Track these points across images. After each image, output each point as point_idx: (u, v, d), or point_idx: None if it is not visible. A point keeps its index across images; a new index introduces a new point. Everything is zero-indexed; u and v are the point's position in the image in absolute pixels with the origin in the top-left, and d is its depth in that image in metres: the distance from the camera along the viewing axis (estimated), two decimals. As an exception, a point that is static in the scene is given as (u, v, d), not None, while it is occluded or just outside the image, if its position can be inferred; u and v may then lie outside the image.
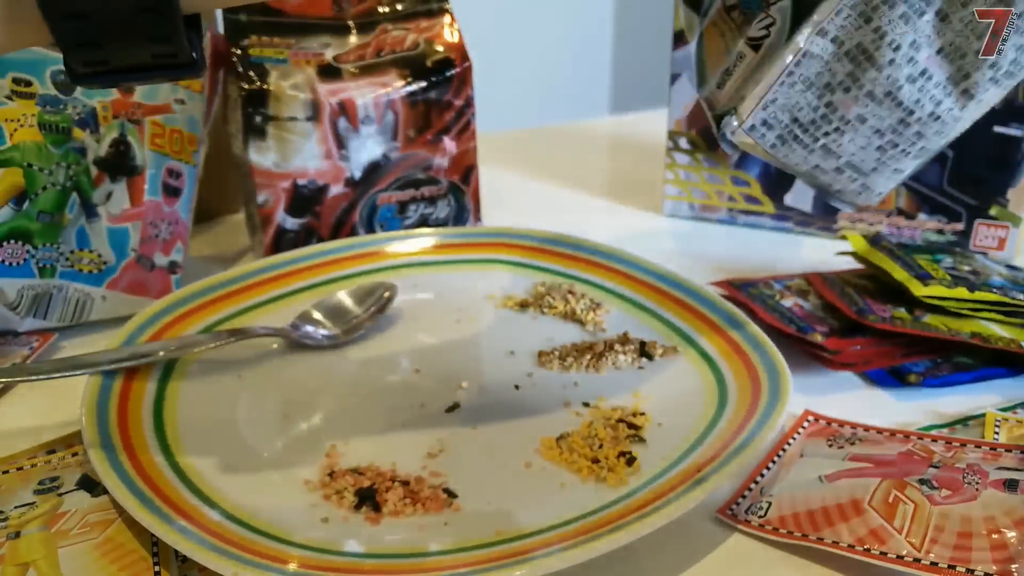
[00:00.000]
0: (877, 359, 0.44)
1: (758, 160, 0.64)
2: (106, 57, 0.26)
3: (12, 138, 0.45)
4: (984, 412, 0.41)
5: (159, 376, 0.42)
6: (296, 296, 0.51)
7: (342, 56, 0.56)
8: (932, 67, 0.33)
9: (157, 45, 0.26)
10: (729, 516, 0.35)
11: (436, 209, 0.60)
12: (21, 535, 0.33)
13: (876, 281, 0.51)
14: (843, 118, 0.35)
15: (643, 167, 0.79)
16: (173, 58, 0.26)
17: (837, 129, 0.35)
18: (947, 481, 0.33)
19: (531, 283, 0.54)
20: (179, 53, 0.26)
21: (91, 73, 0.26)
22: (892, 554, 0.31)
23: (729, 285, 0.52)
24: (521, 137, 0.94)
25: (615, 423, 0.40)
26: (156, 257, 0.51)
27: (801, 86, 0.34)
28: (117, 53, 0.26)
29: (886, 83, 0.33)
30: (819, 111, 0.35)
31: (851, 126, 0.35)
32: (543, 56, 1.86)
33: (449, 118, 0.58)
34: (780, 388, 0.39)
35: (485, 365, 0.47)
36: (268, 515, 0.34)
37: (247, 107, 0.53)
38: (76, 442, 0.39)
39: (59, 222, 0.47)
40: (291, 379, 0.45)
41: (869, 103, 0.34)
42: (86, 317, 0.50)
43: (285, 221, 0.56)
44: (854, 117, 0.34)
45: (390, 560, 0.32)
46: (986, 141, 0.55)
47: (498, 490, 0.36)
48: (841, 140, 0.35)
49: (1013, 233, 0.57)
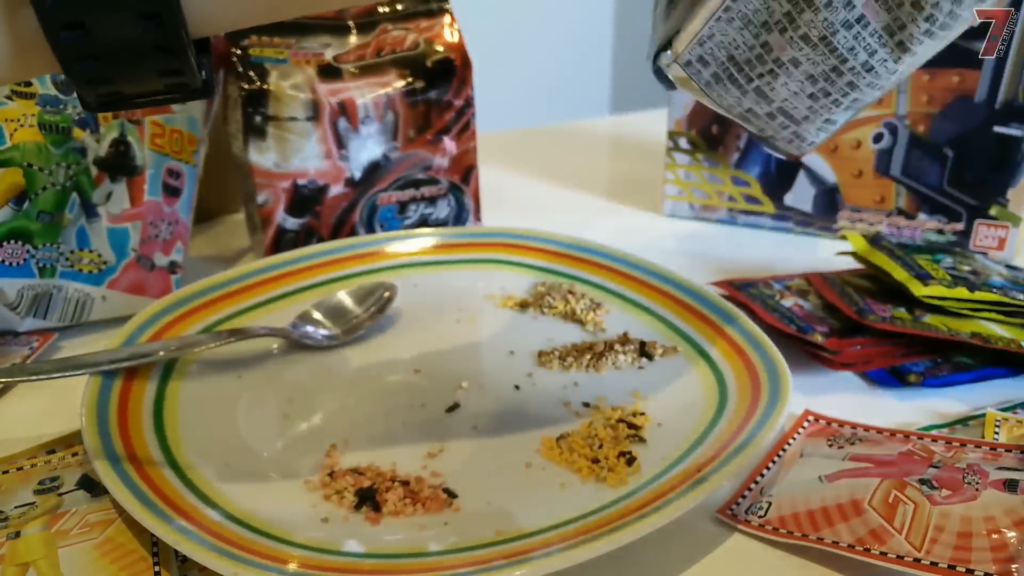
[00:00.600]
0: (877, 359, 0.44)
1: (758, 160, 0.64)
2: (117, 89, 0.26)
3: (12, 138, 0.45)
4: (984, 412, 0.41)
5: (159, 376, 0.42)
6: (296, 296, 0.51)
7: (342, 56, 0.56)
8: (869, 14, 0.32)
9: (168, 75, 0.26)
10: (729, 516, 0.35)
11: (436, 209, 0.60)
12: (21, 535, 0.33)
13: (876, 281, 0.51)
14: (777, 60, 0.34)
15: (643, 167, 0.79)
16: (183, 84, 0.26)
17: (771, 71, 0.34)
18: (947, 481, 0.33)
19: (531, 283, 0.54)
20: (190, 80, 0.26)
21: (103, 103, 0.26)
22: (892, 554, 0.31)
23: (729, 285, 0.52)
24: (521, 137, 0.94)
25: (615, 423, 0.40)
26: (156, 257, 0.51)
27: (739, 23, 0.33)
28: (128, 84, 0.26)
29: (822, 26, 0.32)
30: (755, 51, 0.34)
31: (785, 69, 0.34)
32: (543, 56, 1.85)
33: (449, 118, 0.58)
34: (780, 388, 0.39)
35: (485, 365, 0.47)
36: (268, 515, 0.34)
37: (247, 107, 0.53)
38: (76, 442, 0.39)
39: (59, 222, 0.47)
40: (291, 379, 0.45)
41: (804, 46, 0.33)
42: (86, 317, 0.50)
43: (285, 221, 0.56)
44: (788, 60, 0.34)
45: (390, 560, 0.32)
46: (986, 141, 0.55)
47: (498, 490, 0.36)
48: (774, 83, 0.35)
49: (1013, 233, 0.57)
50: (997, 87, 0.54)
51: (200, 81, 0.27)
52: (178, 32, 0.24)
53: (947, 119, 0.56)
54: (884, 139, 0.59)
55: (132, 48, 0.24)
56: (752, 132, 0.38)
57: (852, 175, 0.61)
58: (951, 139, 0.57)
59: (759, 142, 0.39)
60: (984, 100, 0.55)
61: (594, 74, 2.00)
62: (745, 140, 0.64)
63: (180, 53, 0.25)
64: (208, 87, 0.27)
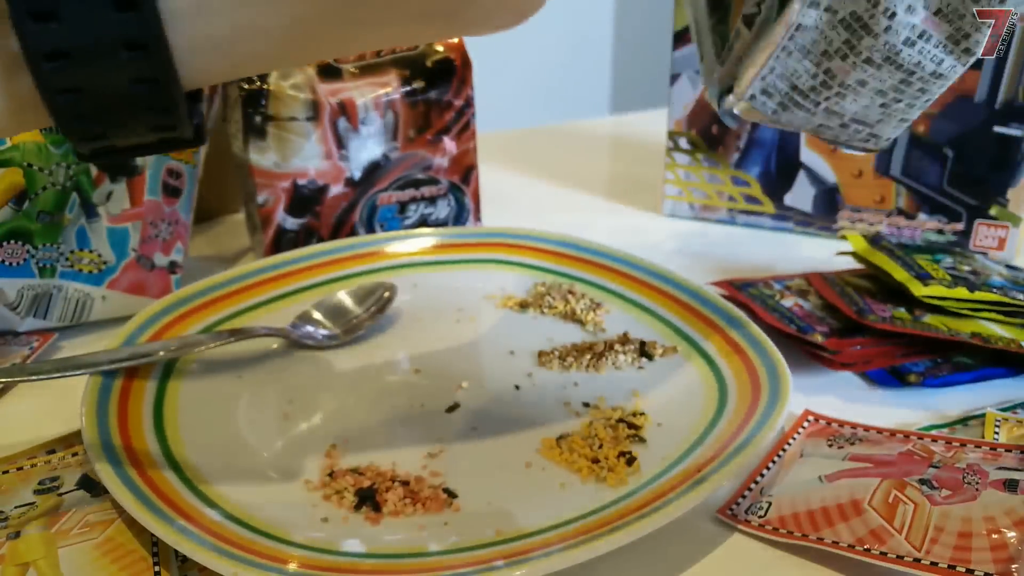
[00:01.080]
0: (877, 359, 0.44)
1: (758, 160, 0.64)
2: (111, 144, 0.26)
3: (12, 138, 0.45)
4: (984, 412, 0.41)
5: (159, 376, 0.42)
6: (296, 296, 0.51)
7: (342, 56, 0.56)
8: (931, 28, 0.32)
9: (159, 130, 0.26)
10: (729, 516, 0.35)
11: (436, 209, 0.60)
12: (21, 535, 0.33)
13: (876, 281, 0.51)
14: (843, 83, 0.34)
15: (643, 167, 0.79)
16: (175, 134, 0.27)
17: (838, 94, 0.34)
18: (947, 481, 0.33)
19: (531, 283, 0.54)
20: (181, 132, 0.27)
21: (96, 154, 0.27)
22: (892, 554, 0.31)
23: (729, 285, 0.52)
24: (521, 137, 0.94)
25: (615, 423, 0.40)
26: (156, 257, 0.51)
27: (798, 54, 0.33)
28: (121, 139, 0.26)
29: (884, 49, 0.32)
30: (818, 78, 0.34)
31: (852, 90, 0.34)
32: (543, 56, 1.85)
33: (449, 118, 0.58)
34: (780, 388, 0.39)
35: (485, 365, 0.47)
36: (268, 515, 0.34)
37: (247, 107, 0.53)
38: (76, 442, 0.39)
39: (59, 222, 0.47)
40: (291, 379, 0.45)
41: (868, 68, 0.33)
42: (86, 317, 0.50)
43: (285, 221, 0.56)
44: (854, 82, 0.34)
45: (390, 560, 0.32)
46: (986, 141, 0.55)
47: (498, 490, 0.36)
48: (843, 103, 0.35)
49: (1013, 233, 0.57)
50: (997, 87, 0.54)
51: (191, 131, 0.27)
52: (171, 94, 0.25)
53: (947, 119, 0.56)
54: (884, 139, 0.59)
55: (126, 109, 0.25)
56: (826, 139, 0.38)
57: (852, 175, 0.61)
58: (951, 139, 0.57)
59: (833, 144, 0.38)
60: (984, 100, 0.55)
61: (594, 74, 2.00)
62: (745, 140, 0.64)
63: (173, 112, 0.25)
64: (200, 135, 0.28)
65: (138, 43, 0.23)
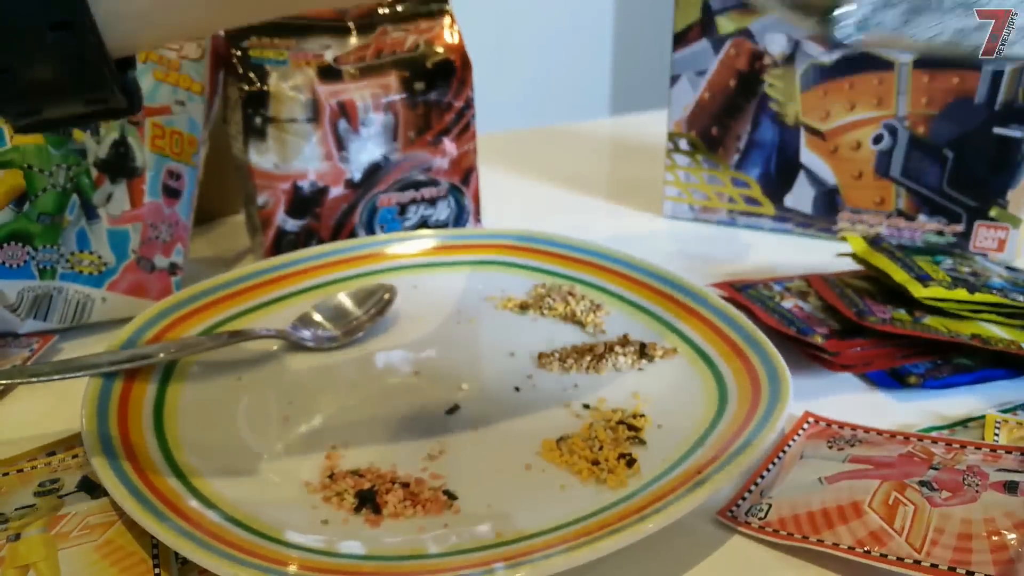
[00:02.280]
0: (877, 361, 0.44)
1: (758, 161, 0.64)
2: (42, 116, 0.27)
3: (12, 139, 0.45)
4: (984, 414, 0.41)
5: (159, 378, 0.42)
6: (296, 298, 0.51)
7: (342, 57, 0.56)
8: None
9: (90, 102, 0.27)
10: (729, 518, 0.35)
11: (436, 210, 0.60)
12: (21, 537, 0.33)
13: (876, 283, 0.51)
14: None
15: (643, 168, 0.79)
16: (108, 105, 0.27)
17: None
18: (947, 483, 0.33)
19: (531, 284, 0.54)
20: (114, 103, 0.27)
21: (29, 125, 0.27)
22: (892, 556, 0.31)
23: (729, 287, 0.52)
24: (521, 137, 0.95)
25: (615, 425, 0.40)
26: (156, 259, 0.52)
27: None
28: (51, 109, 0.27)
29: None
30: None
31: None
32: (543, 56, 1.86)
33: (449, 119, 0.58)
34: (780, 390, 0.39)
35: (485, 367, 0.47)
36: (268, 517, 0.34)
37: (247, 108, 0.53)
38: (76, 444, 0.39)
39: (59, 224, 0.47)
40: (291, 381, 0.45)
41: None
42: (86, 319, 0.50)
43: (285, 222, 0.56)
44: None
45: (390, 562, 0.32)
46: (986, 142, 0.55)
47: (498, 492, 0.36)
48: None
49: (1013, 234, 0.57)
50: (997, 88, 0.54)
51: (122, 101, 0.27)
52: (100, 70, 0.25)
53: (947, 120, 0.56)
54: (884, 140, 0.59)
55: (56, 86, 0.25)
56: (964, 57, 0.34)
57: (852, 176, 0.61)
58: (951, 140, 0.57)
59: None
60: (984, 101, 0.55)
61: (594, 75, 2.00)
62: (745, 141, 0.64)
63: (104, 85, 0.26)
64: (134, 104, 0.28)
65: (63, 22, 0.23)
